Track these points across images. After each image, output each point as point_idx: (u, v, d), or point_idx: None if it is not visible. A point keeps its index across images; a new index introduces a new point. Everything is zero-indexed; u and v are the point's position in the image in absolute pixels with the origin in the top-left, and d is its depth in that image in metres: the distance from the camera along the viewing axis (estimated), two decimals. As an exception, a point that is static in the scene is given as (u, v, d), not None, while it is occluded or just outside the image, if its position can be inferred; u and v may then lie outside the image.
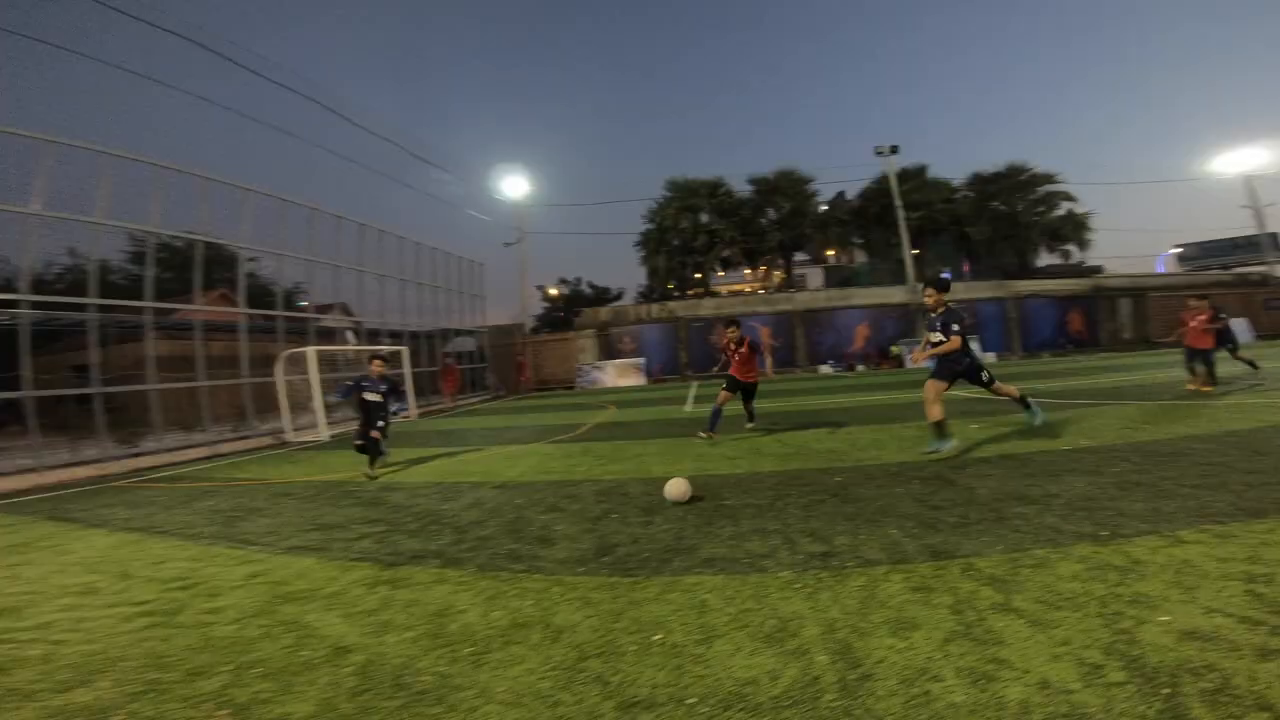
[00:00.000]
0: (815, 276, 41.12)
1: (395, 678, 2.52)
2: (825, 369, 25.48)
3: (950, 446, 6.03)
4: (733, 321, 8.73)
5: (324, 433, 12.78)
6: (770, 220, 32.87)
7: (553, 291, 41.85)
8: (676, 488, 5.02)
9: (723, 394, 8.55)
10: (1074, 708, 1.98)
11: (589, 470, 6.86)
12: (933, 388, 6.04)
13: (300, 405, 13.41)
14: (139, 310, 11.18)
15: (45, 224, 9.69)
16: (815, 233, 33.14)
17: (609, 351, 27.74)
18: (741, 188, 33.26)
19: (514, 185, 31.31)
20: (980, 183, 33.30)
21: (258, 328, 15.00)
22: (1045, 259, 34.42)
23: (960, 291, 27.59)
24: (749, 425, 8.96)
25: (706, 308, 28.70)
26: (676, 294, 33.73)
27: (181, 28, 14.40)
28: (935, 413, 5.99)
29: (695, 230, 32.43)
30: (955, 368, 6.07)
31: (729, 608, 2.97)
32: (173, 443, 11.22)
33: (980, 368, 6.20)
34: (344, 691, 2.42)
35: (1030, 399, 6.55)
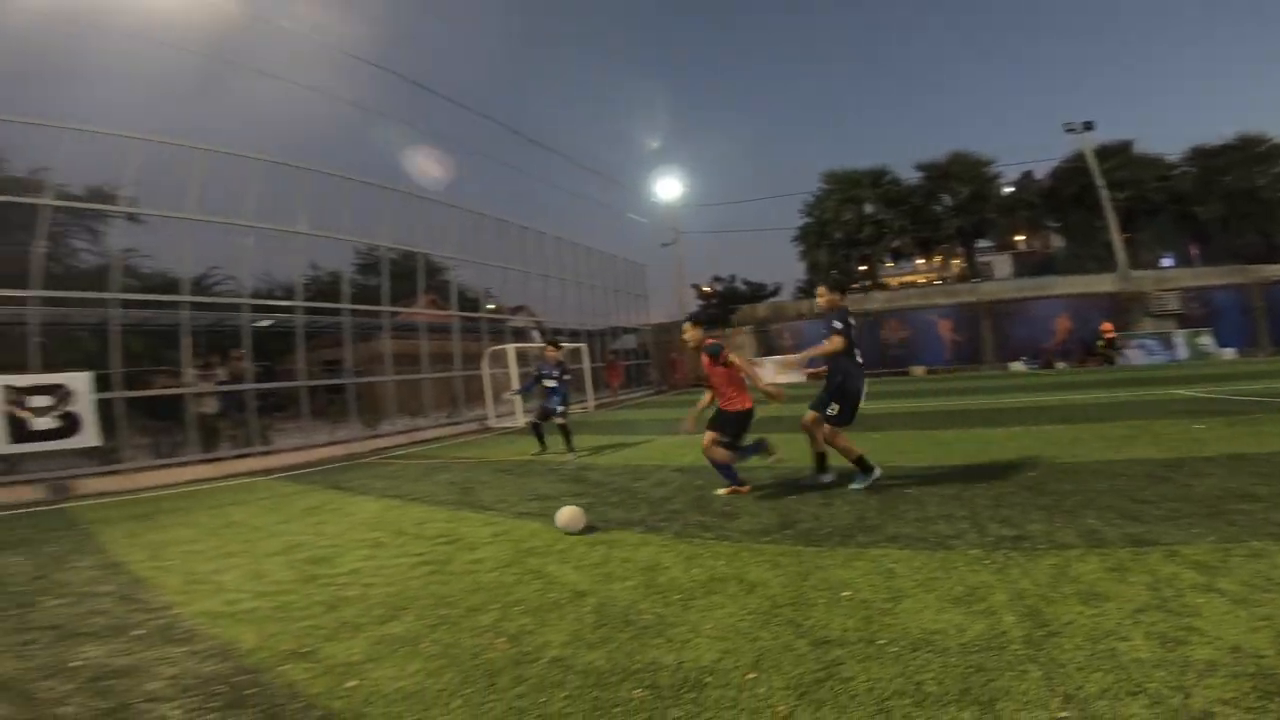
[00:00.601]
0: (1003, 264, 37.56)
1: (624, 616, 3.05)
2: (1018, 366, 23.29)
3: (872, 478, 5.27)
4: (693, 318, 6.08)
5: (521, 419, 14.34)
6: (946, 207, 30.61)
7: (706, 289, 42.23)
8: (568, 516, 4.59)
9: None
10: (1262, 669, 2.01)
11: (762, 458, 7.18)
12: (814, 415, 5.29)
13: (501, 395, 15.19)
14: (376, 314, 13.31)
15: (308, 241, 11.95)
16: (1001, 218, 30.29)
17: (768, 348, 27.62)
18: (907, 175, 31.37)
19: (668, 188, 32.33)
20: (1203, 157, 28.42)
21: (461, 328, 17.07)
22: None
23: (1188, 279, 23.86)
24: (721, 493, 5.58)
25: (876, 301, 27.48)
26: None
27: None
28: (844, 450, 5.22)
29: (860, 222, 31.13)
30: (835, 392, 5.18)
31: (916, 575, 3.19)
32: (402, 426, 13.27)
33: (838, 399, 5.17)
34: (587, 625, 2.99)
35: (873, 466, 5.31)
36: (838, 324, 5.20)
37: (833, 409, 5.20)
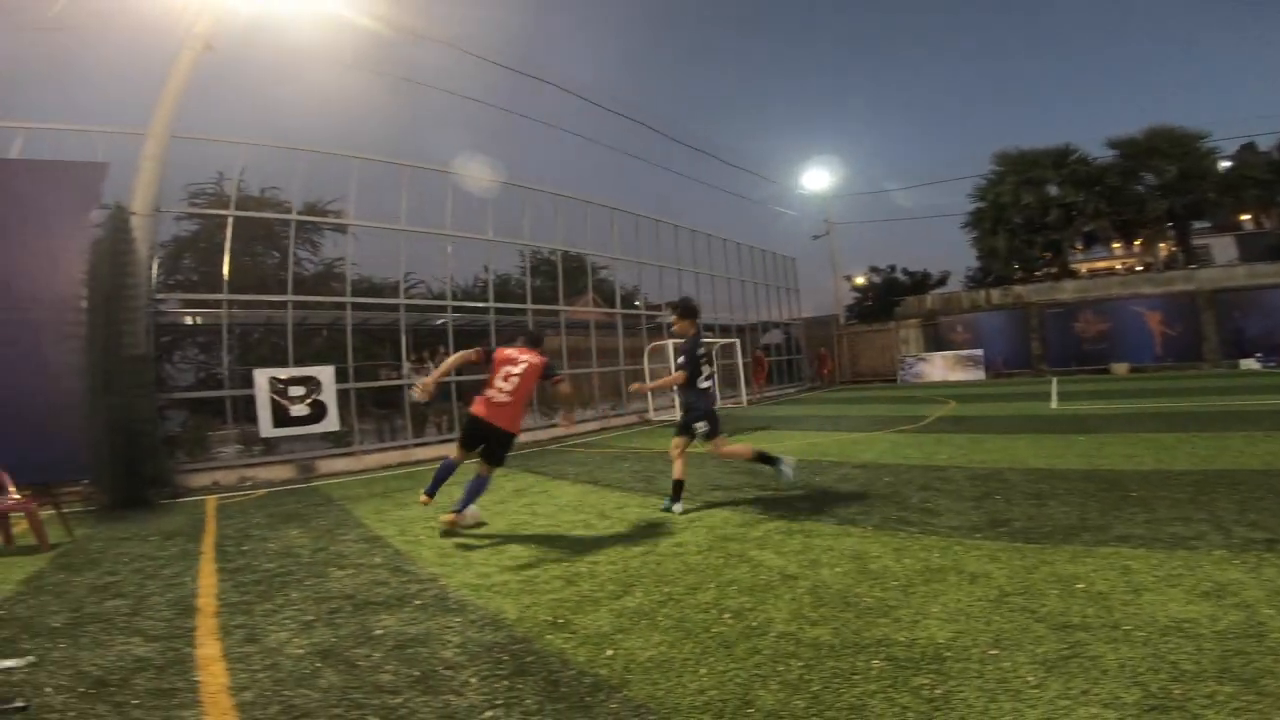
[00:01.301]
0: (1224, 248, 32.02)
1: (841, 598, 3.16)
2: (1249, 363, 19.88)
3: (679, 508, 5.34)
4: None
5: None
6: (1150, 187, 26.70)
7: (859, 280, 40.22)
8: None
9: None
10: None
11: (951, 458, 6.93)
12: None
13: (660, 389, 15.75)
14: (553, 312, 14.38)
15: (488, 246, 13.19)
16: (1222, 196, 25.86)
17: (936, 342, 25.88)
18: (1098, 154, 27.71)
19: (817, 179, 31.30)
20: None
21: (609, 324, 17.86)
22: None
23: None
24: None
25: (1066, 291, 24.65)
26: (1020, 276, 29.66)
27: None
28: (678, 469, 5.47)
29: (1043, 205, 28.03)
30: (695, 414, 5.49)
31: (1155, 571, 3.04)
32: (576, 417, 14.22)
33: (701, 419, 5.44)
34: (805, 604, 3.14)
35: (778, 456, 5.66)
36: (682, 358, 5.43)
37: (701, 427, 5.50)
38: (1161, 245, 30.04)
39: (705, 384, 5.54)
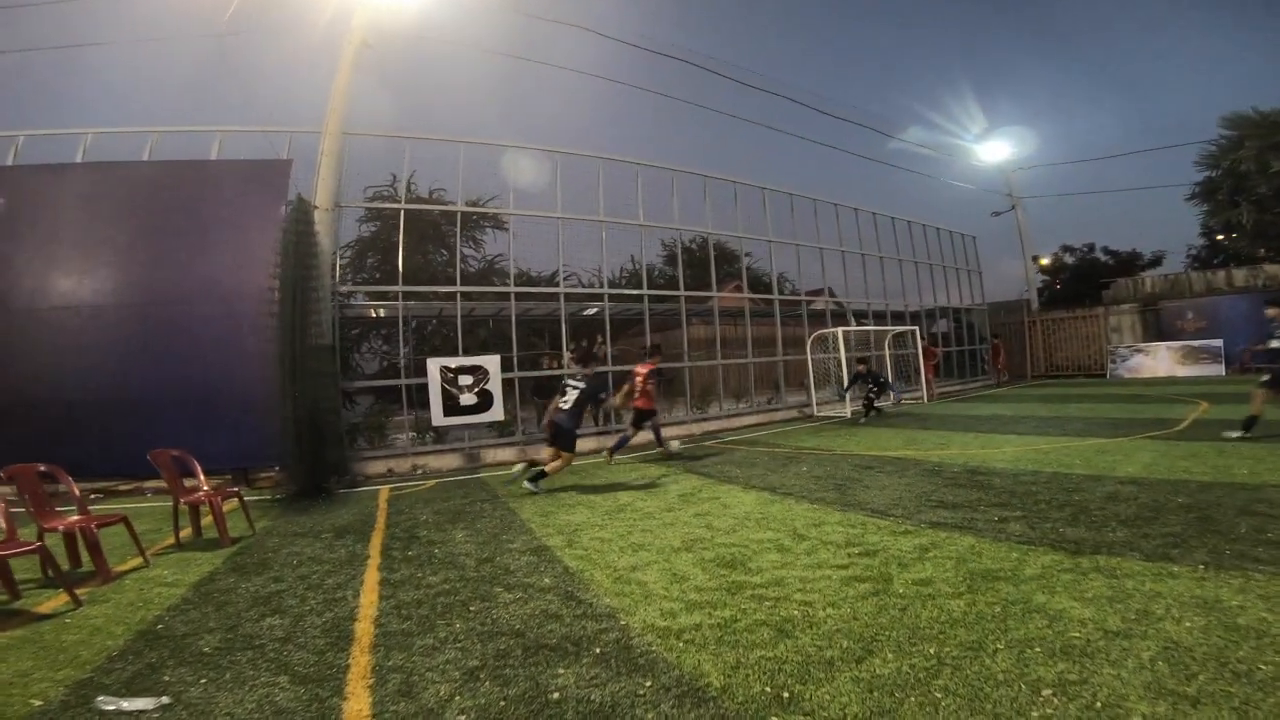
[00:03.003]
0: None
1: (1218, 663, 2.17)
2: None
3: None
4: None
5: (848, 409, 13.38)
6: None
7: (1044, 261, 35.15)
8: None
9: None
10: None
11: (1258, 475, 5.22)
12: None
13: (822, 382, 14.44)
14: (704, 300, 13.60)
15: (634, 233, 12.63)
16: None
17: (1158, 331, 21.75)
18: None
19: (999, 150, 27.59)
20: None
21: (762, 312, 16.66)
22: None
23: None
24: None
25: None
26: (1265, 254, 24.25)
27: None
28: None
29: (1302, 170, 22.58)
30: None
31: None
32: (728, 410, 13.37)
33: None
34: (1164, 674, 2.14)
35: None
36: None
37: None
38: None
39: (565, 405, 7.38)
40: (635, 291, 12.36)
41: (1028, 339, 24.25)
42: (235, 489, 6.65)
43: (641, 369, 8.86)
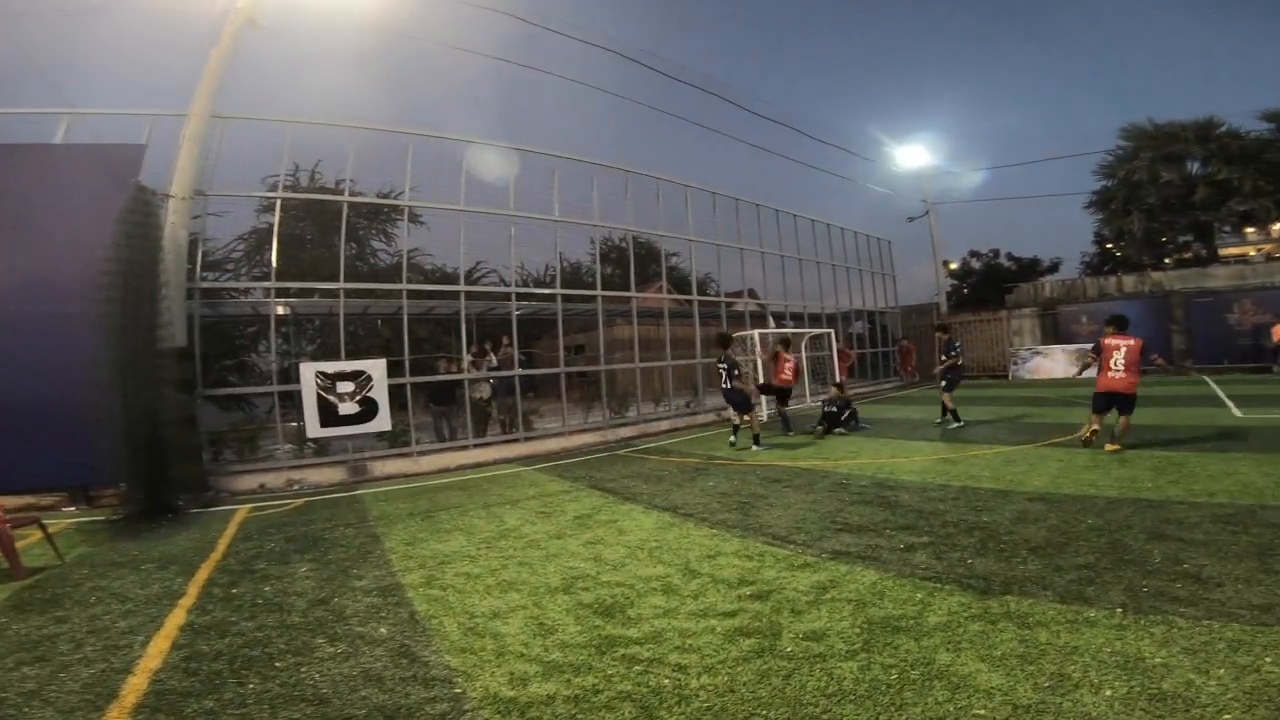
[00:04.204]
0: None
1: None
2: None
3: None
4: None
5: (763, 413, 13.12)
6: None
7: (953, 265, 36.78)
8: None
9: None
10: None
11: (1161, 488, 5.12)
12: None
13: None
14: (624, 300, 13.06)
15: (558, 231, 11.93)
16: None
17: (1056, 334, 22.90)
18: (1251, 127, 23.78)
19: (916, 156, 28.55)
20: None
21: (683, 313, 16.33)
22: None
23: None
24: None
25: (1218, 278, 21.12)
26: (1151, 262, 26.07)
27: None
28: None
29: (1188, 183, 24.34)
30: None
31: None
32: (646, 414, 12.87)
33: None
34: None
35: None
36: None
37: None
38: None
39: None
40: (546, 291, 11.66)
41: (936, 341, 25.01)
42: (34, 513, 5.60)
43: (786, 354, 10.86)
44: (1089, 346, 8.04)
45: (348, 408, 8.57)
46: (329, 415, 8.52)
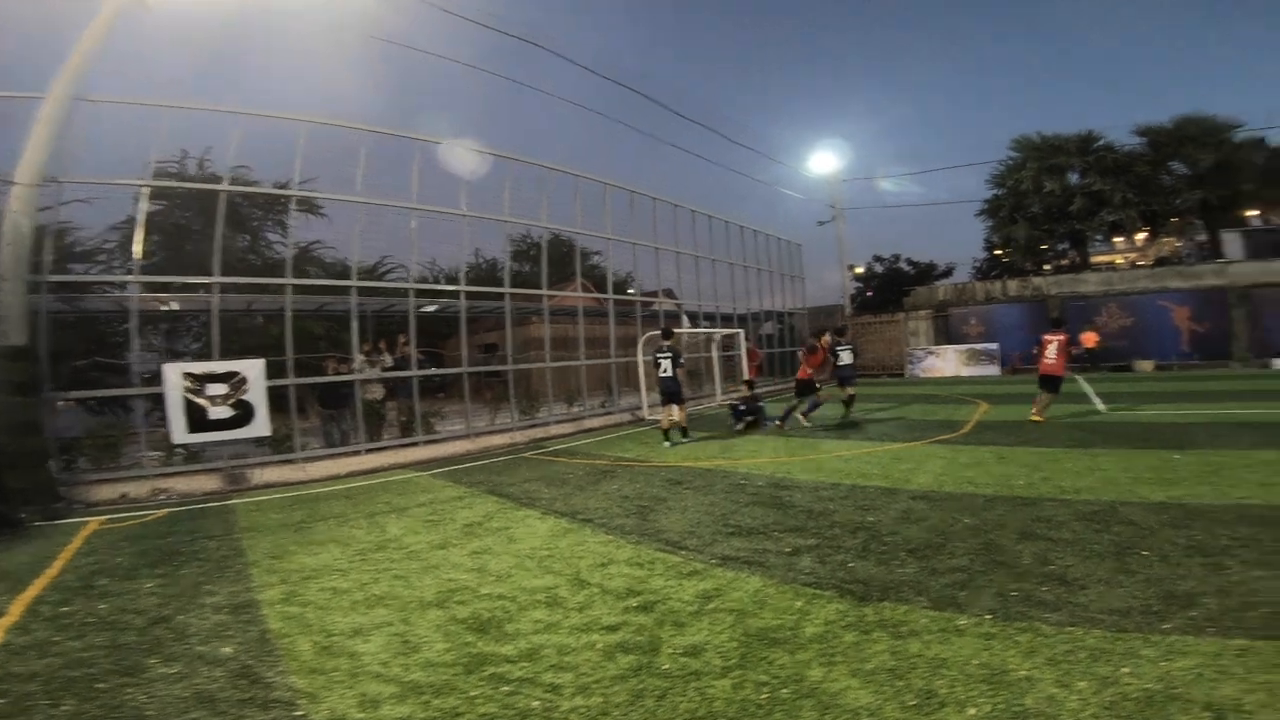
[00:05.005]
0: (1231, 243, 30.49)
1: None
2: (1282, 363, 18.54)
3: None
4: None
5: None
6: (1180, 177, 25.13)
7: (859, 270, 38.66)
8: None
9: None
10: None
11: (1034, 485, 5.39)
12: None
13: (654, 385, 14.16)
14: (535, 298, 12.71)
15: (466, 224, 11.45)
16: (1264, 188, 24.32)
17: (948, 335, 24.38)
18: (1124, 141, 26.20)
19: (825, 161, 29.75)
20: None
21: (598, 311, 16.22)
22: None
23: None
24: None
25: (1090, 283, 23.12)
26: (1033, 268, 28.23)
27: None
28: None
29: (1066, 193, 26.45)
30: None
31: None
32: (558, 414, 12.62)
33: None
34: None
35: None
36: None
37: None
38: (1170, 239, 28.69)
39: None
40: (448, 287, 11.14)
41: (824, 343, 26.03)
42: None
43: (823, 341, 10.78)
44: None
45: (219, 411, 7.85)
46: (198, 420, 7.78)
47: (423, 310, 12.96)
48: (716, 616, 3.16)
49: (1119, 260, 32.31)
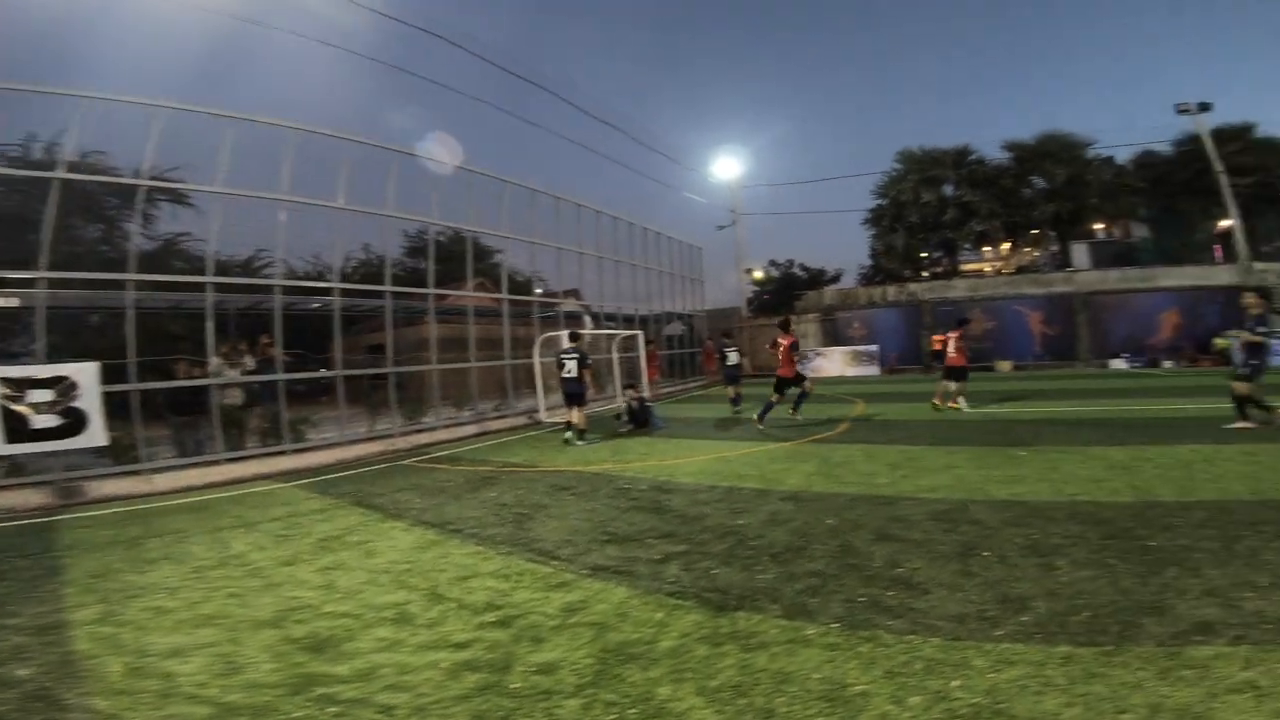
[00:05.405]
0: (1079, 253, 34.30)
1: None
2: (1118, 364, 20.89)
3: None
4: None
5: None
6: (1039, 190, 27.76)
7: (758, 274, 40.16)
8: None
9: None
10: None
11: (895, 484, 5.70)
12: None
13: (555, 386, 13.94)
14: (421, 297, 12.15)
15: (349, 218, 10.78)
16: (1104, 203, 27.29)
17: (834, 337, 25.72)
18: (995, 156, 28.64)
19: (726, 167, 30.64)
20: None
21: (511, 313, 15.83)
22: None
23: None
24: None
25: (958, 289, 25.12)
26: (910, 274, 30.32)
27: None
28: None
29: (941, 204, 28.58)
30: None
31: None
32: (446, 419, 12.13)
33: None
34: None
35: None
36: None
37: None
38: (1028, 249, 31.72)
39: None
40: (322, 284, 10.42)
41: (708, 341, 26.85)
42: None
43: (784, 340, 10.36)
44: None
45: (45, 420, 6.93)
46: (18, 429, 6.83)
47: (304, 309, 12.12)
48: (577, 631, 3.09)
49: (987, 268, 35.30)
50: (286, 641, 3.12)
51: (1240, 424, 7.32)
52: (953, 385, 10.96)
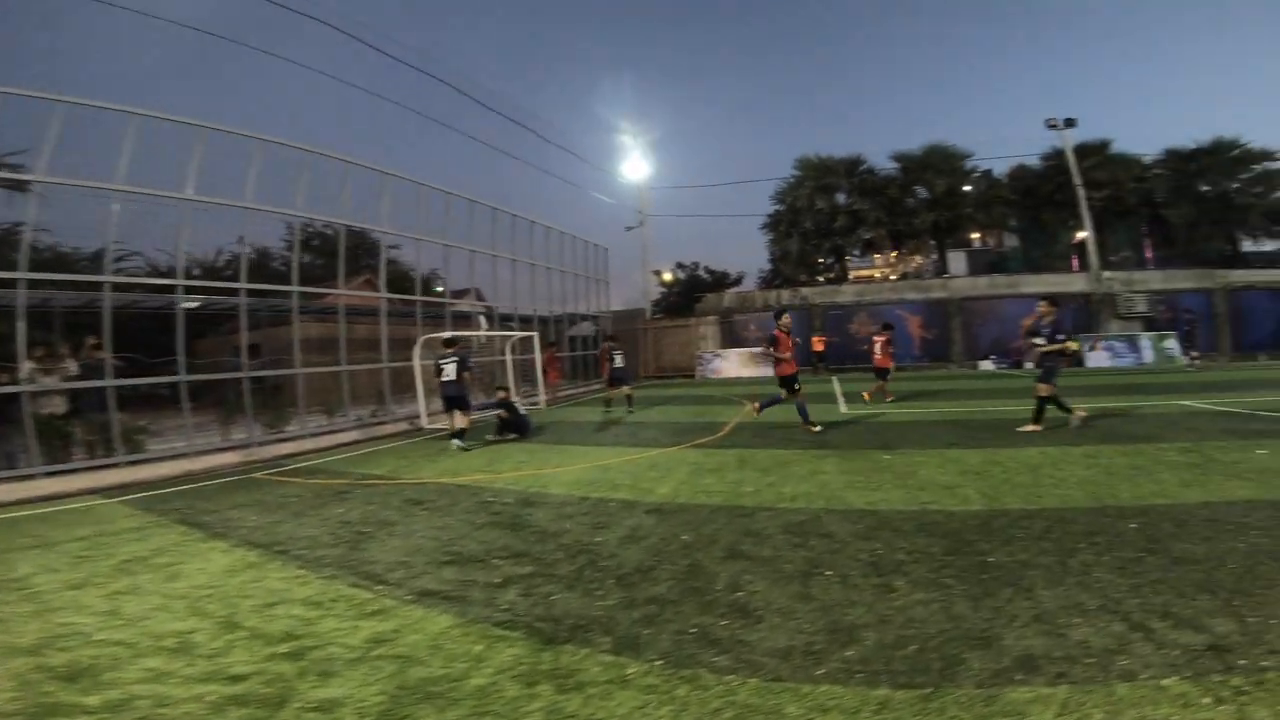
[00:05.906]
0: (957, 261, 37.01)
1: None
2: (986, 365, 22.55)
3: None
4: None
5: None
6: (921, 200, 29.53)
7: (666, 276, 40.64)
8: None
9: None
10: None
11: (759, 492, 5.66)
12: None
13: (435, 390, 13.23)
14: (285, 294, 11.20)
15: (201, 209, 9.74)
16: (978, 213, 29.37)
17: (732, 339, 26.30)
18: (885, 166, 30.20)
19: (636, 168, 30.65)
20: (1178, 160, 27.85)
21: (397, 313, 15.00)
22: (1252, 246, 28.57)
23: (1157, 282, 23.53)
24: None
25: (846, 294, 26.32)
26: (805, 279, 31.51)
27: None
28: None
29: (833, 211, 29.84)
30: None
31: None
32: (315, 427, 11.24)
33: None
34: None
35: None
36: None
37: None
38: (915, 257, 33.78)
39: None
40: (162, 281, 9.33)
41: (640, 344, 26.98)
42: None
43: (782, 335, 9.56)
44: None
45: None
46: None
47: (150, 308, 10.88)
48: (377, 664, 2.77)
49: (876, 274, 37.25)
50: (39, 670, 2.83)
51: (1031, 426, 7.95)
52: (877, 383, 12.79)
